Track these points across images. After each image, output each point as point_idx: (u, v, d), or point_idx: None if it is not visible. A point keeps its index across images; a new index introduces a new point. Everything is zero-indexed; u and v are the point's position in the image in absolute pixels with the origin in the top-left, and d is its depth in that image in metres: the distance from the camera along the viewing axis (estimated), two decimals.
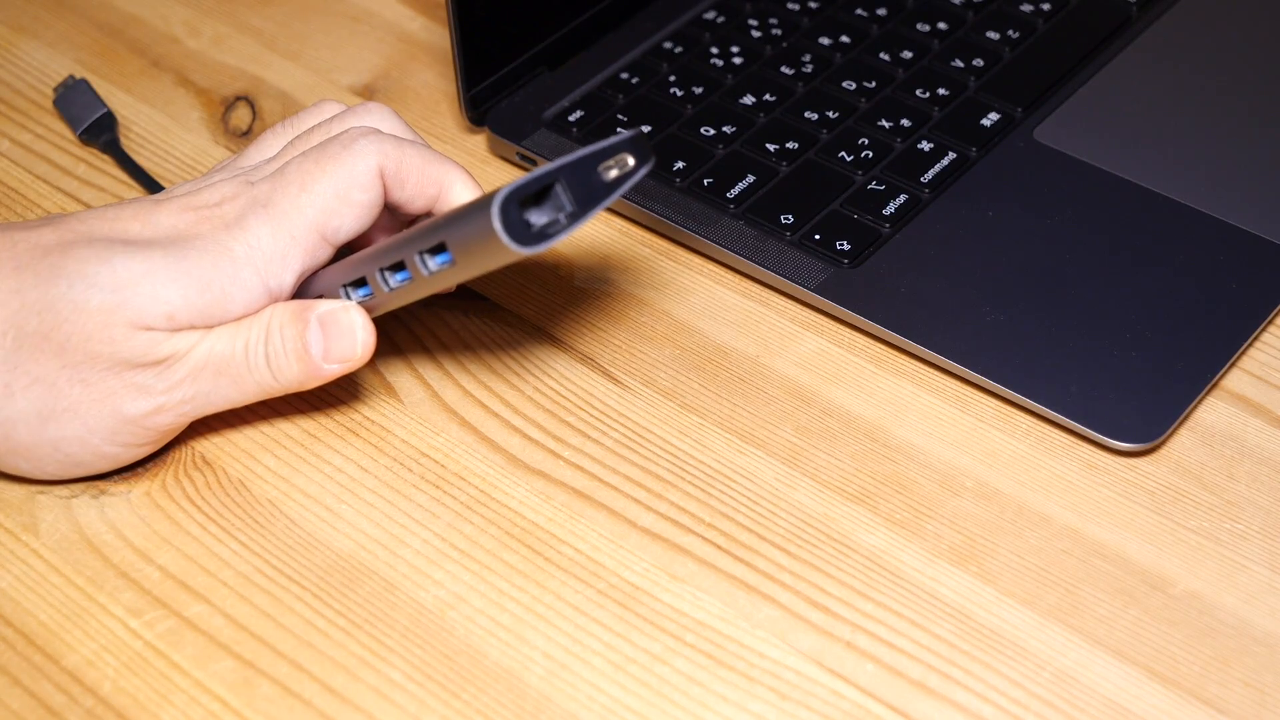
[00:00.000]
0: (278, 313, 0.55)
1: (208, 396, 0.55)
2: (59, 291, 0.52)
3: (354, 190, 0.55)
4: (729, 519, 0.55)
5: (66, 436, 0.54)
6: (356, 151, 0.55)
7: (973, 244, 0.63)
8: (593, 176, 0.51)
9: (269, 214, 0.54)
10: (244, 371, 0.55)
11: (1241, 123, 0.69)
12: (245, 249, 0.54)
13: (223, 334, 0.54)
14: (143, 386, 0.54)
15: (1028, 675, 0.51)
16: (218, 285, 0.53)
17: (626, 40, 0.73)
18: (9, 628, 0.52)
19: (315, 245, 0.55)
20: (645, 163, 0.52)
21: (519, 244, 0.49)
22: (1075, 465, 0.57)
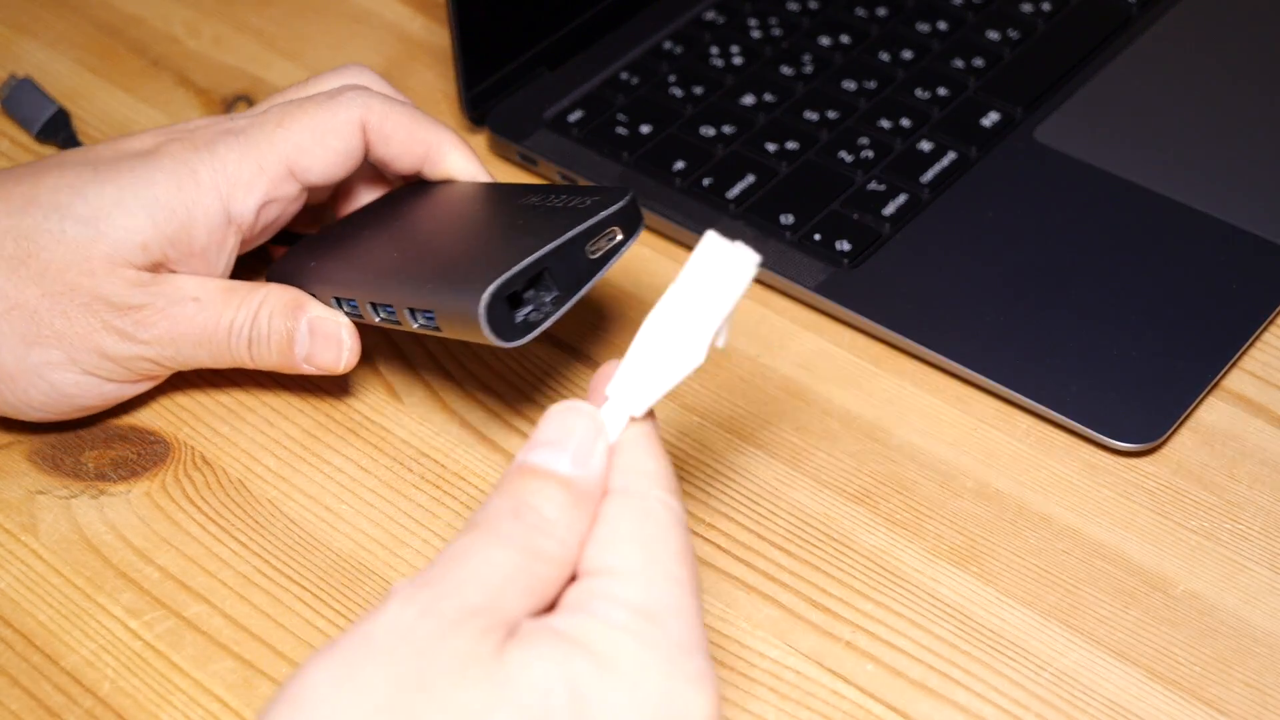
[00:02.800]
0: (270, 300, 0.55)
1: (189, 356, 0.56)
2: (34, 221, 0.53)
3: (331, 135, 0.55)
4: (729, 519, 0.55)
5: (51, 362, 0.54)
6: (341, 101, 0.56)
7: (973, 244, 0.63)
8: (579, 256, 0.51)
9: (240, 140, 0.55)
10: (223, 347, 0.56)
11: (1241, 123, 0.69)
12: (210, 172, 0.54)
13: (210, 305, 0.55)
14: (123, 332, 0.54)
15: (1028, 675, 0.51)
16: (183, 211, 0.54)
17: (626, 40, 0.73)
18: (9, 628, 0.52)
19: (282, 178, 0.55)
20: (634, 233, 0.51)
21: (503, 338, 0.50)
22: (1075, 465, 0.57)
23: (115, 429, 0.58)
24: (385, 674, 0.38)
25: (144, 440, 0.58)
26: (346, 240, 0.58)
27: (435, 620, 0.39)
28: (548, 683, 0.39)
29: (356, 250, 0.57)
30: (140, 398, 0.59)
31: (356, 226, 0.59)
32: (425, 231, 0.56)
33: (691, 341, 0.43)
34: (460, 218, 0.56)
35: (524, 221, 0.52)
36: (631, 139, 0.67)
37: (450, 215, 0.56)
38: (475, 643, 0.39)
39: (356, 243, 0.57)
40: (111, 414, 0.59)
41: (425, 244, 0.54)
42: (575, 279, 0.51)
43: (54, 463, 0.57)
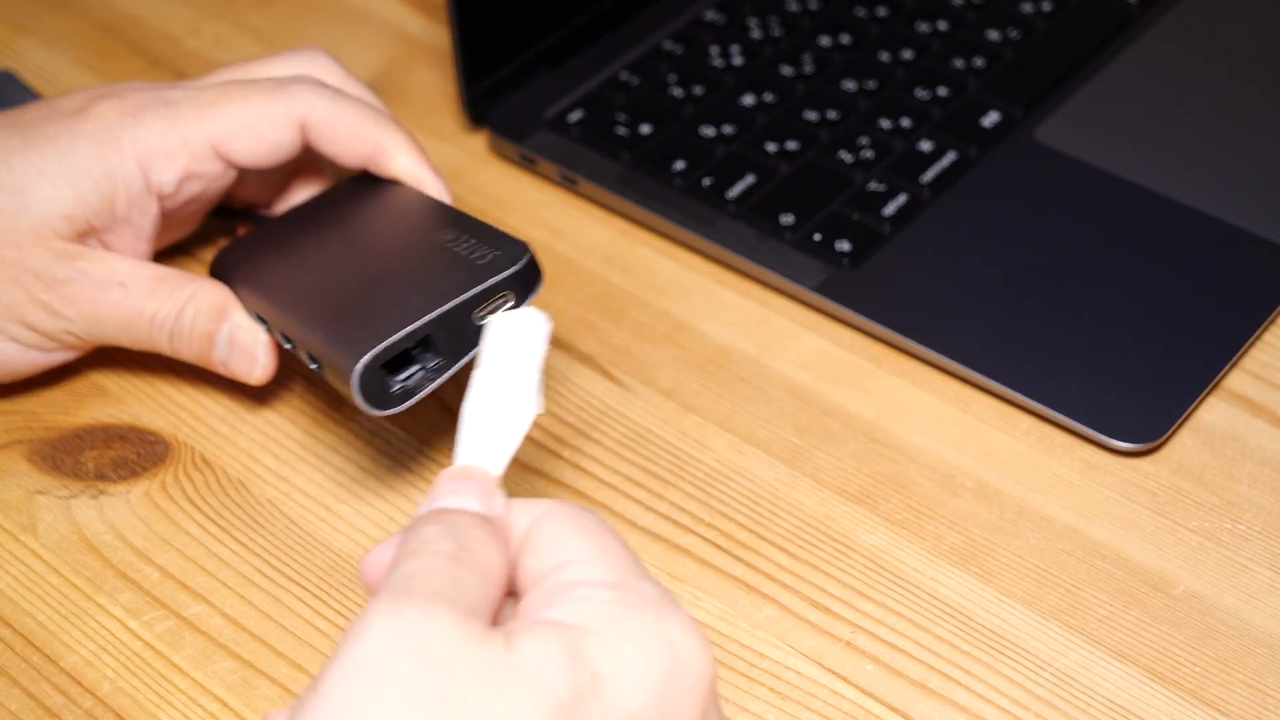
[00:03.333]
0: (196, 299, 0.56)
1: (111, 337, 0.56)
2: None
3: (264, 126, 0.56)
4: (729, 519, 0.55)
5: None
6: (284, 93, 0.56)
7: (973, 244, 0.63)
8: (465, 323, 0.50)
9: (169, 111, 0.55)
10: (144, 335, 0.56)
11: (1242, 123, 0.69)
12: (131, 140, 0.55)
13: (135, 293, 0.55)
14: (48, 307, 0.55)
15: (1028, 676, 0.51)
16: (105, 180, 0.54)
17: (626, 40, 0.73)
18: (8, 628, 0.52)
19: (206, 156, 0.56)
20: (527, 296, 0.51)
21: (376, 407, 0.50)
22: (1076, 465, 0.57)
23: (115, 429, 0.58)
24: (406, 699, 0.38)
25: (144, 440, 0.58)
26: (280, 246, 0.58)
27: (436, 632, 0.39)
28: (563, 664, 0.39)
29: (283, 265, 0.57)
30: (140, 398, 0.59)
31: (293, 229, 0.59)
32: (344, 258, 0.55)
33: (519, 402, 0.45)
34: (378, 247, 0.55)
35: (426, 271, 0.52)
36: (631, 139, 0.67)
37: (371, 241, 0.56)
38: (484, 647, 0.39)
39: (286, 254, 0.57)
40: (111, 414, 0.59)
41: (338, 277, 0.54)
42: (461, 345, 0.51)
43: (54, 463, 0.57)
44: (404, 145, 0.57)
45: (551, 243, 0.66)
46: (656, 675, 0.39)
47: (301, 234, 0.58)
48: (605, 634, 0.40)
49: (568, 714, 0.38)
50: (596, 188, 0.66)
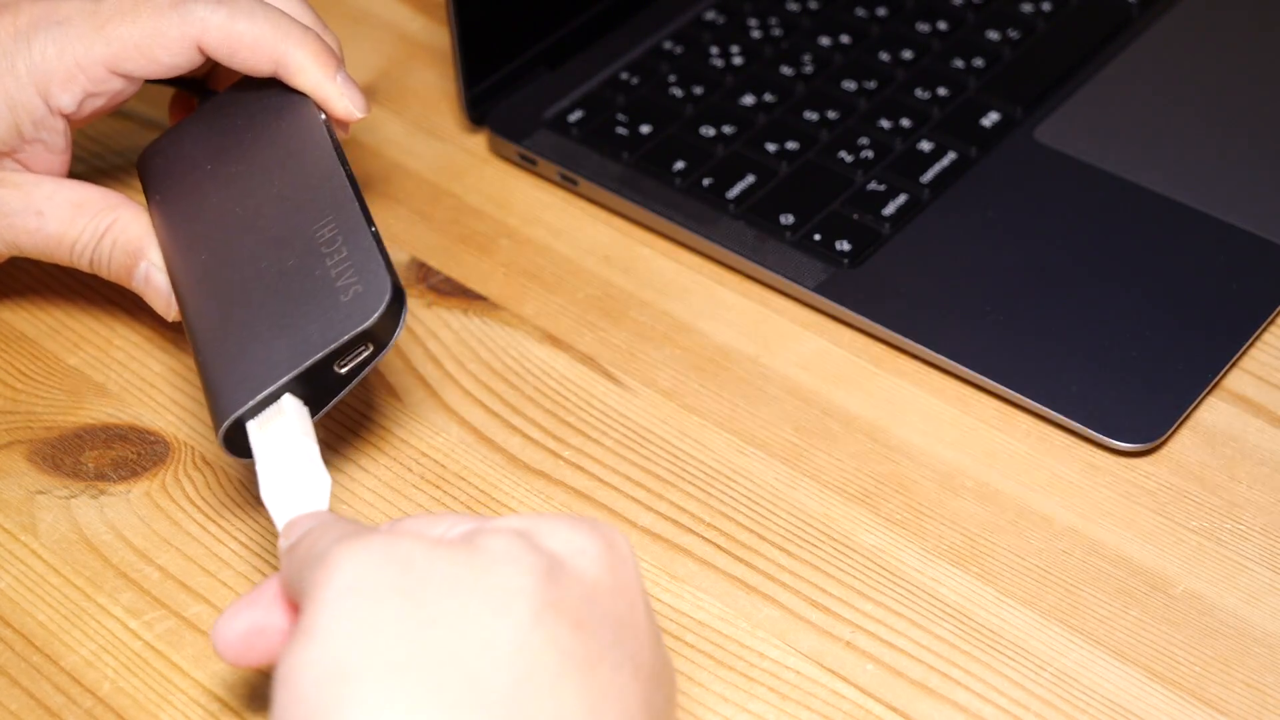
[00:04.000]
0: (114, 231, 0.56)
1: (32, 256, 0.57)
2: None
3: (158, 48, 0.55)
4: (729, 519, 0.55)
5: None
6: (177, 13, 0.55)
7: (973, 244, 0.63)
8: (327, 374, 0.50)
9: (60, 33, 0.55)
10: (65, 260, 0.57)
11: (1241, 123, 0.69)
12: (27, 66, 0.55)
13: (53, 221, 0.56)
14: None
15: (1028, 675, 0.51)
16: (6, 111, 0.55)
17: (626, 40, 0.73)
18: (8, 628, 0.52)
19: (103, 77, 0.56)
20: (385, 345, 0.50)
21: (243, 457, 0.50)
22: (1076, 465, 0.57)
23: (115, 429, 0.58)
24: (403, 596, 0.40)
25: (144, 440, 0.58)
26: (191, 180, 0.57)
27: (406, 545, 0.41)
28: (527, 547, 0.42)
29: (189, 220, 0.56)
30: (140, 398, 0.59)
31: (205, 149, 0.58)
32: (236, 234, 0.54)
33: (311, 481, 0.48)
34: (265, 226, 0.54)
35: (295, 300, 0.51)
36: (631, 139, 0.67)
37: (262, 210, 0.54)
38: (453, 548, 0.41)
39: (193, 197, 0.56)
40: (111, 414, 0.59)
41: (225, 272, 0.53)
42: (324, 393, 0.51)
43: (54, 463, 0.57)
44: (306, 61, 0.56)
45: (551, 243, 0.66)
46: (599, 549, 0.43)
47: (209, 164, 0.57)
48: (543, 525, 0.43)
49: (550, 581, 0.41)
50: (596, 188, 0.66)
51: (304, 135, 0.56)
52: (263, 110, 0.58)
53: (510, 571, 0.41)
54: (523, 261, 0.65)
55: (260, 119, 0.58)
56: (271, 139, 0.57)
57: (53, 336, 0.61)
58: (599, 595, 0.42)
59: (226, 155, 0.57)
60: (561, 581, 0.41)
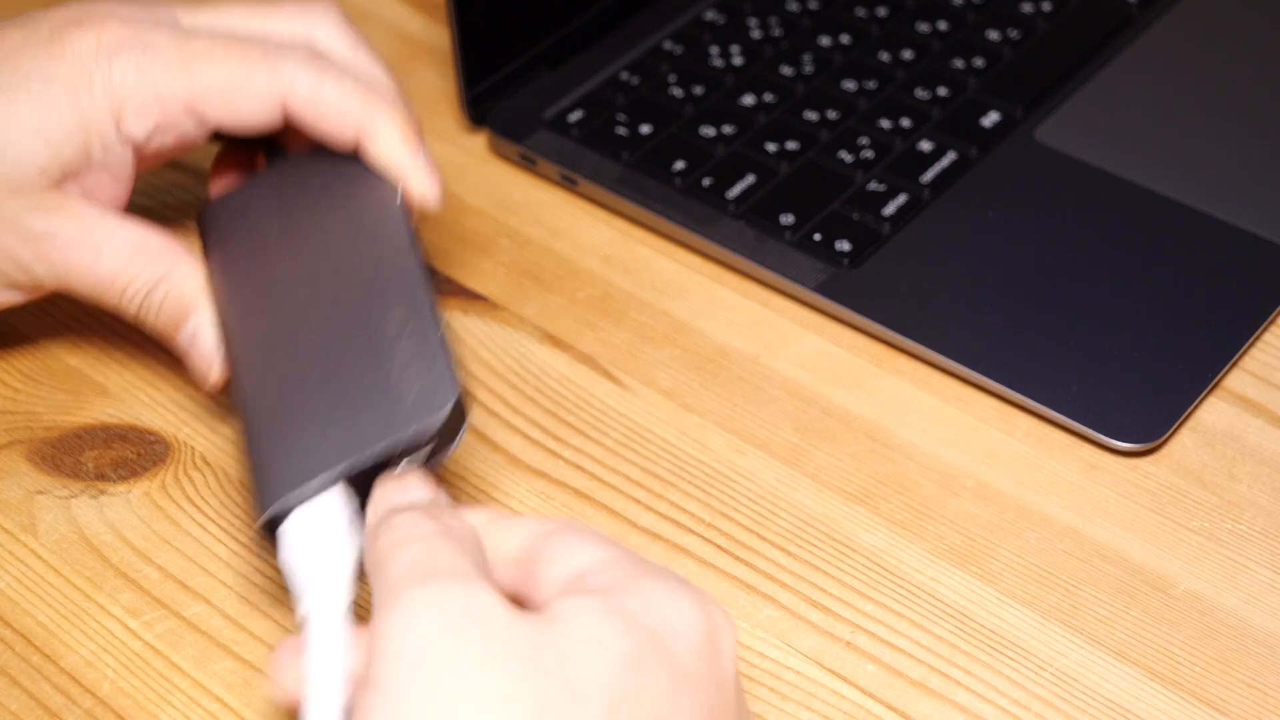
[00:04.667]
0: (168, 284, 0.54)
1: (80, 295, 0.55)
2: None
3: (240, 97, 0.53)
4: (729, 519, 0.55)
5: None
6: (269, 65, 0.53)
7: (973, 244, 0.63)
8: (380, 468, 0.48)
9: (144, 60, 0.53)
10: (111, 304, 0.55)
11: (1241, 123, 0.69)
12: (105, 85, 0.53)
13: (108, 262, 0.54)
14: (19, 261, 0.54)
15: (1028, 675, 0.51)
16: (78, 131, 0.53)
17: (626, 40, 0.73)
18: (8, 628, 0.52)
19: (179, 116, 0.54)
20: (449, 446, 0.48)
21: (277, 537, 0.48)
22: (1076, 465, 0.57)
23: (115, 429, 0.58)
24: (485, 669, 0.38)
25: (144, 440, 0.58)
26: (253, 247, 0.55)
27: (484, 605, 0.40)
28: (618, 624, 0.39)
29: (246, 291, 0.54)
30: (140, 398, 0.59)
31: (271, 218, 0.55)
32: (297, 316, 0.52)
33: (337, 581, 0.46)
34: (329, 311, 0.52)
35: (353, 393, 0.49)
36: (631, 139, 0.67)
37: (327, 293, 0.52)
38: (532, 621, 0.39)
39: (254, 268, 0.54)
40: (111, 414, 0.59)
41: (283, 352, 0.52)
42: (369, 484, 0.48)
43: (54, 463, 0.57)
44: (391, 136, 0.54)
45: (551, 243, 0.66)
46: (698, 636, 0.40)
47: (276, 229, 0.55)
48: (644, 594, 0.40)
49: (635, 672, 0.39)
50: (596, 188, 0.66)
51: (379, 215, 0.54)
52: (337, 181, 0.55)
53: (593, 661, 0.39)
54: (523, 261, 0.65)
55: (334, 190, 0.55)
56: (345, 213, 0.54)
57: (53, 336, 0.61)
58: (688, 687, 0.40)
59: (295, 223, 0.54)
60: (648, 672, 0.39)
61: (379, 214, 0.54)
